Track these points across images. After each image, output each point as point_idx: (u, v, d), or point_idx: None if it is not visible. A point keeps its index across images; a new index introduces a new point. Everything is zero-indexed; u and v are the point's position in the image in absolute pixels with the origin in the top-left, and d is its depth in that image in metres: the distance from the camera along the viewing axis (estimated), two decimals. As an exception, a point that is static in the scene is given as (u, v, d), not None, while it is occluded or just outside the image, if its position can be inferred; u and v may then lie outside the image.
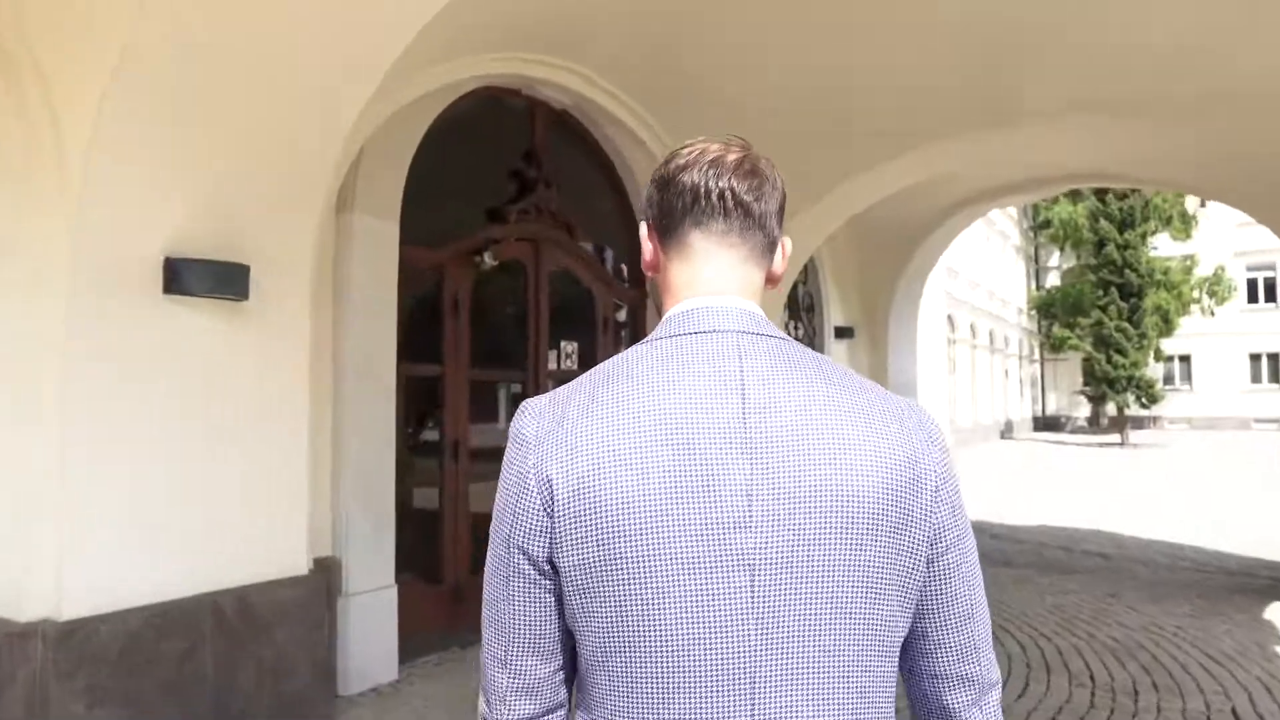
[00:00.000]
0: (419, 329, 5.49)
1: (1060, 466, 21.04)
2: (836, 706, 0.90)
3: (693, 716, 0.88)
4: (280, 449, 4.02)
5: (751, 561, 0.89)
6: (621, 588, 0.89)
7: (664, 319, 1.03)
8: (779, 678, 0.89)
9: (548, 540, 0.93)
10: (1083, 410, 41.46)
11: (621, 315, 7.27)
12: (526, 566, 0.95)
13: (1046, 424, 40.36)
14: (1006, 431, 33.08)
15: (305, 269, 4.16)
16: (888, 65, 6.04)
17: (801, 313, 10.82)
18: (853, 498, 0.91)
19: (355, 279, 4.83)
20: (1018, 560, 8.56)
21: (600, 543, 0.89)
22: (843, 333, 11.37)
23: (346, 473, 4.79)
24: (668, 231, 1.05)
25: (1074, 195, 32.14)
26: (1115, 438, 31.18)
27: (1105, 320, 29.28)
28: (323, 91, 3.88)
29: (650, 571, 0.88)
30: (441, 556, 5.57)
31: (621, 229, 7.28)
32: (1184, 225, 30.50)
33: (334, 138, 4.10)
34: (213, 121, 3.61)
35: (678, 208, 1.03)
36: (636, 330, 7.28)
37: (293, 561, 4.09)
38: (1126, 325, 29.17)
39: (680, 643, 0.88)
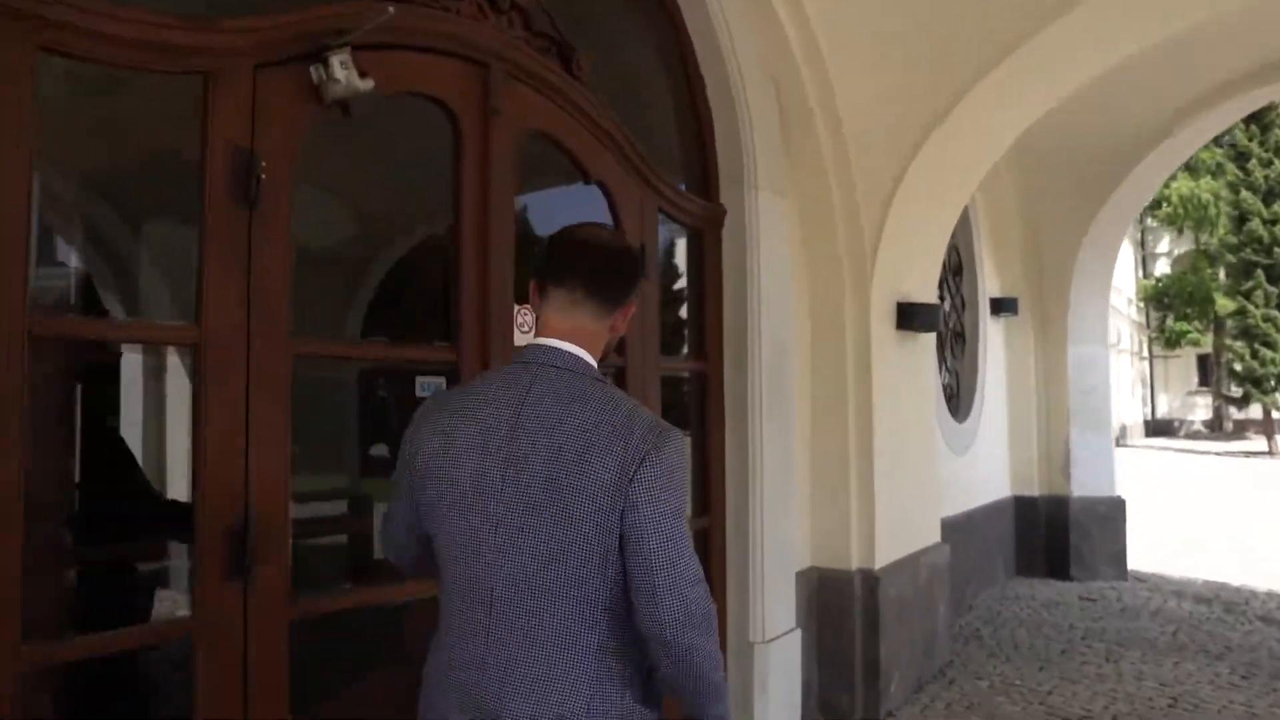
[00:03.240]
0: (137, 229, 2.09)
1: (1216, 485, 17.02)
2: (546, 616, 1.40)
3: (460, 605, 1.46)
4: None
5: (496, 520, 1.41)
6: (438, 516, 1.49)
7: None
8: (508, 593, 1.41)
9: (412, 479, 1.53)
10: (1197, 413, 37.07)
11: (680, 245, 3.76)
12: (406, 490, 1.56)
13: (1158, 429, 36.03)
14: (1121, 438, 28.89)
15: None
16: None
17: (948, 277, 7.24)
18: (573, 485, 1.38)
19: None
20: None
21: (429, 486, 1.49)
22: (1001, 306, 7.79)
23: None
24: (542, 282, 1.53)
25: (1191, 170, 28.21)
26: (1251, 445, 27.32)
27: (1250, 308, 24.93)
28: None
29: (450, 510, 1.46)
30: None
31: (668, 95, 3.82)
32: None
33: None
34: None
35: (550, 268, 1.52)
36: (703, 271, 3.78)
37: None
38: (1276, 314, 24.78)
39: (459, 557, 1.46)
